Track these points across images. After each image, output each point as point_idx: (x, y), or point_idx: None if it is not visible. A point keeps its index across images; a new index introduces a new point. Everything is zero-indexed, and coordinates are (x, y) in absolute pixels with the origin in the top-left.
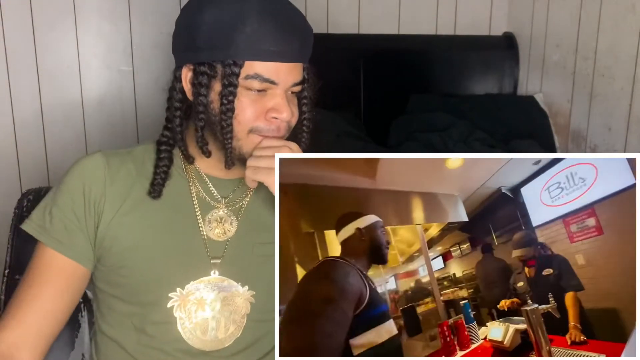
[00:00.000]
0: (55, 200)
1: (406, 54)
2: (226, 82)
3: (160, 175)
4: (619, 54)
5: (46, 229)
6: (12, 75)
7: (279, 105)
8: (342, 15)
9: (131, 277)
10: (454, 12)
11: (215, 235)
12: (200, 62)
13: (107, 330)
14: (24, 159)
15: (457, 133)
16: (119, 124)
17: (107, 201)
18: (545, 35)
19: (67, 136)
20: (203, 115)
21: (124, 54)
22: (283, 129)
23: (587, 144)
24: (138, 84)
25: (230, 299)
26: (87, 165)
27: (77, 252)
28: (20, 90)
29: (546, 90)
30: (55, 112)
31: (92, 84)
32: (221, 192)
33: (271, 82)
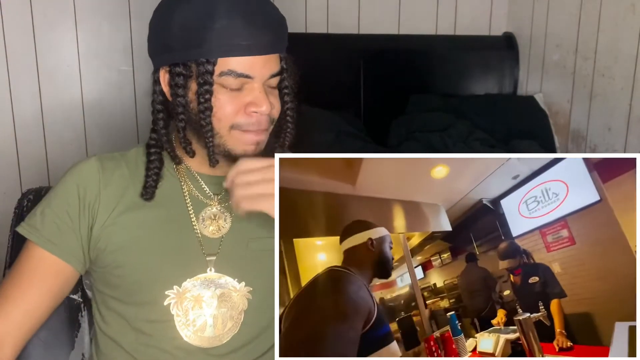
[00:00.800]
0: (49, 202)
1: (406, 54)
2: (201, 80)
3: (152, 177)
4: (619, 54)
5: (37, 229)
6: (12, 75)
7: (257, 98)
8: (342, 15)
9: (126, 277)
10: (454, 12)
11: (209, 232)
12: (175, 63)
13: (107, 330)
14: (24, 159)
15: (457, 133)
16: (119, 123)
17: (102, 204)
18: (545, 35)
19: (67, 136)
20: (183, 115)
21: (124, 54)
22: (264, 122)
23: (587, 143)
24: (138, 84)
25: (227, 296)
26: (82, 169)
27: (68, 253)
28: (20, 90)
29: (546, 90)
30: (55, 111)
31: (92, 84)
32: (213, 189)
33: (246, 76)
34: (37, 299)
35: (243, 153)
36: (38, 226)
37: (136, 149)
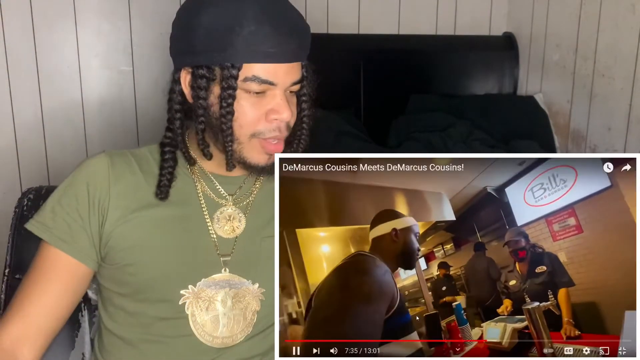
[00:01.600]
0: (59, 199)
1: (406, 54)
2: (225, 85)
3: (166, 176)
4: (619, 54)
5: (49, 227)
6: (12, 75)
7: (279, 106)
8: (342, 15)
9: (139, 275)
10: (454, 12)
11: (224, 232)
12: (199, 65)
13: (114, 328)
14: (24, 159)
15: (457, 133)
16: (119, 123)
17: (112, 200)
18: (545, 35)
19: (67, 136)
20: (203, 118)
21: (124, 54)
22: (284, 129)
23: (587, 144)
24: (138, 84)
25: (241, 296)
26: (91, 165)
27: (81, 252)
28: (20, 91)
29: (546, 90)
30: (55, 112)
31: (92, 84)
32: (227, 189)
33: (270, 83)
34: (54, 299)
35: (257, 163)
36: (49, 224)
37: (148, 147)
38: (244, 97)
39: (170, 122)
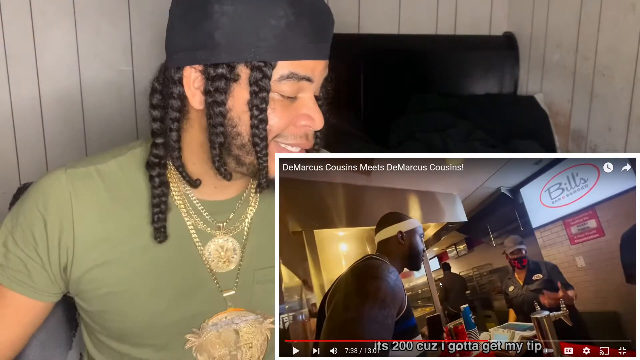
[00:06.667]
0: (12, 231)
1: (406, 54)
2: (256, 88)
3: (160, 208)
4: (619, 54)
5: (3, 267)
6: (11, 74)
7: (312, 111)
8: (342, 15)
9: (128, 321)
10: (454, 12)
11: (220, 267)
12: (216, 64)
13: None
14: (24, 159)
15: (457, 133)
16: (119, 123)
17: (78, 238)
18: (545, 35)
19: (66, 136)
20: (222, 128)
21: (124, 54)
22: (311, 137)
23: (587, 144)
24: (138, 84)
25: (250, 329)
26: (48, 192)
27: (40, 292)
28: (19, 90)
29: (546, 90)
30: (54, 112)
31: (92, 84)
32: (218, 217)
33: (308, 79)
34: (8, 334)
35: (272, 176)
36: (3, 263)
37: (116, 160)
38: (275, 101)
39: (164, 135)
